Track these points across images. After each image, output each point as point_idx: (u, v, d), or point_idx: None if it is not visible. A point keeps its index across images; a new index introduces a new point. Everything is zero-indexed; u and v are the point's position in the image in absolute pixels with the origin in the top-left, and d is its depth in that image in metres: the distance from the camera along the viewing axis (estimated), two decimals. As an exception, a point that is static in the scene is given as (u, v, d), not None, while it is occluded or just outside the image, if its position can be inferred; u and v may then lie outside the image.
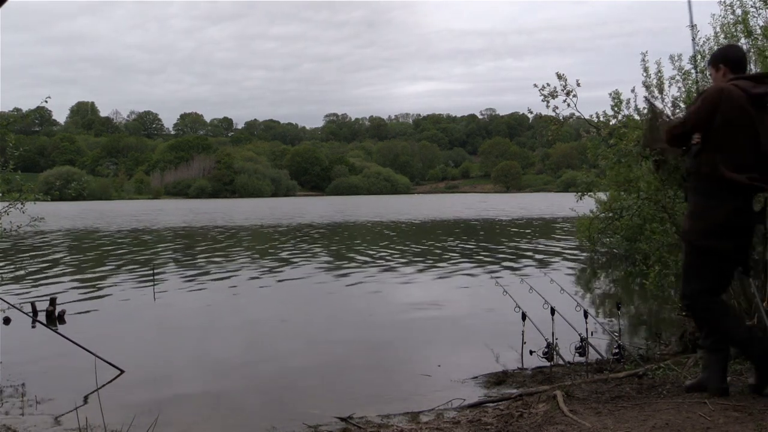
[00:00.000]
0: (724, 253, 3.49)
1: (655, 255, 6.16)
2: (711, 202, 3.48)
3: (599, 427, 3.23)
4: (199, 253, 15.71)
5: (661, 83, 6.44)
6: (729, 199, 3.44)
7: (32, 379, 5.19)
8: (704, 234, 3.49)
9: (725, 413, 3.28)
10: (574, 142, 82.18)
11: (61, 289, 9.82)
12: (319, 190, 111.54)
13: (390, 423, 3.92)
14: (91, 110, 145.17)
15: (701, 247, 3.51)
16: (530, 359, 5.40)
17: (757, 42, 6.12)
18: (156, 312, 8.30)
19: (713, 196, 3.48)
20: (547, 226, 25.14)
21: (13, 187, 5.99)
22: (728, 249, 3.47)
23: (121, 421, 3.86)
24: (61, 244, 18.88)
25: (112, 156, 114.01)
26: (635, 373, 4.29)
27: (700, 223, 3.52)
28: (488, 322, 7.14)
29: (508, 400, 4.12)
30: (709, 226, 3.47)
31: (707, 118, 3.48)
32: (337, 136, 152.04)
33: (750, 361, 3.63)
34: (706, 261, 3.52)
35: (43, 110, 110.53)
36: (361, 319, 7.60)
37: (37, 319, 6.96)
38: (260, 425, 4.09)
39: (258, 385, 5.01)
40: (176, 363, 5.67)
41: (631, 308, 8.21)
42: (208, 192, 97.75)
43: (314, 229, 24.94)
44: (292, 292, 9.69)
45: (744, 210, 3.46)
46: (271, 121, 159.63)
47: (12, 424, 4.12)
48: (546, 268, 11.94)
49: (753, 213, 3.51)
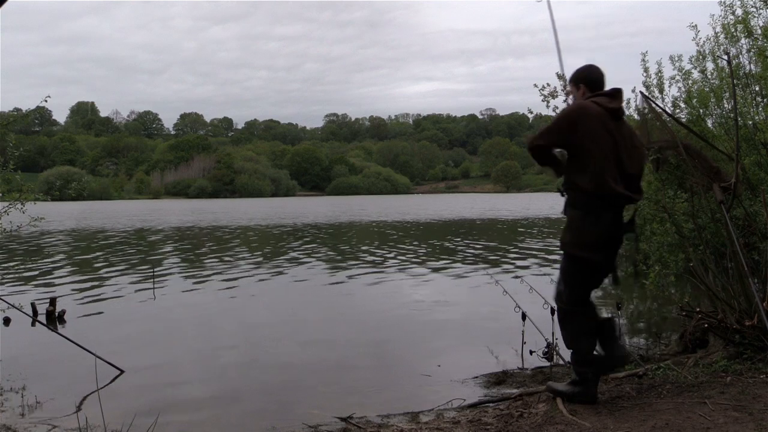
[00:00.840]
0: (597, 264, 3.67)
1: (655, 255, 6.17)
2: (589, 216, 3.62)
3: (599, 427, 3.23)
4: (200, 253, 15.71)
5: (661, 83, 6.45)
6: (605, 212, 3.60)
7: (32, 379, 5.18)
8: (581, 246, 3.64)
9: (725, 413, 3.28)
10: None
11: (61, 289, 9.82)
12: (319, 190, 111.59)
13: (390, 423, 3.91)
14: (91, 110, 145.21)
15: (578, 257, 3.67)
16: (530, 359, 5.40)
17: (757, 42, 6.12)
18: (156, 312, 8.30)
19: (590, 209, 3.62)
20: (547, 225, 25.14)
21: (13, 187, 5.98)
22: (601, 260, 3.66)
23: (121, 421, 3.86)
24: (62, 244, 18.88)
25: (112, 156, 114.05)
26: (635, 373, 4.29)
27: (578, 235, 3.66)
28: (488, 322, 7.14)
29: (508, 400, 4.12)
30: (586, 238, 3.62)
31: (567, 132, 3.63)
32: (337, 136, 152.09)
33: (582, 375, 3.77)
34: (582, 270, 3.70)
35: (43, 110, 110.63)
36: (361, 318, 7.60)
37: (37, 319, 6.96)
38: (260, 425, 4.09)
39: (258, 385, 5.00)
40: (176, 363, 5.67)
41: (631, 308, 8.20)
42: (208, 192, 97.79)
43: (319, 229, 24.94)
44: (293, 292, 9.69)
45: (617, 222, 3.65)
46: (271, 121, 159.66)
47: (12, 424, 4.12)
48: (546, 268, 11.94)
49: (623, 224, 3.71)
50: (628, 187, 3.63)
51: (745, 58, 6.29)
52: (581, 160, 3.62)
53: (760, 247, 5.29)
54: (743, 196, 5.46)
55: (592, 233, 3.61)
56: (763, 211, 5.14)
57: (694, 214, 5.56)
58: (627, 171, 3.65)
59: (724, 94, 6.36)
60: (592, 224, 3.60)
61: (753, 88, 6.24)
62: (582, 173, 3.61)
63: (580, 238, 3.64)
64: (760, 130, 5.88)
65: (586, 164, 3.60)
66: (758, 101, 6.24)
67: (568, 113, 3.68)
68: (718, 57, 6.39)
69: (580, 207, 3.65)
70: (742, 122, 6.00)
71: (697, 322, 4.83)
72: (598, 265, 3.67)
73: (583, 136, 3.60)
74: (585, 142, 3.59)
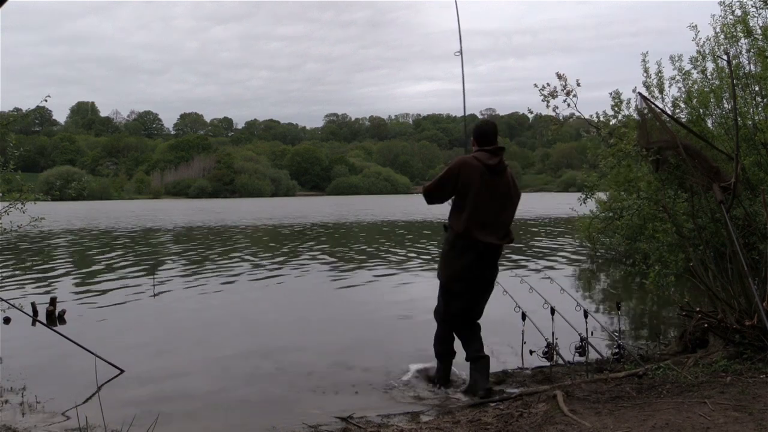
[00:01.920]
0: (456, 293, 4.42)
1: (655, 255, 6.17)
2: (454, 252, 4.36)
3: (599, 427, 3.23)
4: (201, 253, 15.71)
5: (661, 83, 6.45)
6: (467, 252, 4.30)
7: (32, 379, 5.18)
8: (445, 275, 4.45)
9: (725, 413, 3.29)
10: (574, 142, 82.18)
11: (61, 289, 9.82)
12: (319, 190, 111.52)
13: (390, 423, 3.91)
14: (91, 110, 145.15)
15: (446, 287, 4.47)
16: (530, 359, 5.40)
17: (757, 42, 6.13)
18: (156, 312, 8.30)
19: (455, 247, 4.35)
20: (547, 225, 25.14)
21: (13, 187, 5.98)
22: (459, 290, 4.40)
23: (121, 421, 3.85)
24: (62, 244, 18.89)
25: (112, 156, 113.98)
26: (635, 373, 4.29)
27: (444, 266, 4.46)
28: (488, 322, 7.12)
29: (508, 400, 4.12)
30: (449, 270, 4.40)
31: (451, 183, 4.33)
32: (337, 136, 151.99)
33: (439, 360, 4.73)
34: (445, 294, 4.51)
35: (43, 110, 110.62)
36: (361, 318, 7.60)
37: (37, 318, 6.96)
38: (260, 425, 4.09)
39: (258, 384, 5.00)
40: (176, 363, 5.67)
41: (631, 308, 8.20)
42: (209, 192, 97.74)
43: (323, 229, 24.94)
44: (293, 292, 9.69)
45: (480, 263, 4.33)
46: (271, 121, 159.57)
47: (12, 424, 4.12)
48: (546, 268, 11.95)
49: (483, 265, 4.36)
50: (497, 233, 4.33)
51: (745, 58, 6.29)
52: (458, 207, 4.34)
53: (760, 247, 5.29)
54: (743, 196, 5.47)
55: (454, 267, 4.36)
56: (763, 211, 5.14)
57: (694, 214, 5.56)
58: (499, 219, 4.34)
59: (724, 95, 6.36)
60: (455, 260, 4.35)
61: (753, 88, 6.24)
62: (456, 218, 4.33)
63: (445, 269, 4.44)
64: (760, 130, 5.88)
65: (461, 211, 4.29)
66: (758, 101, 6.25)
67: (451, 167, 4.36)
68: (718, 57, 6.39)
69: (449, 244, 4.41)
70: (742, 122, 6.00)
71: (697, 322, 4.83)
72: (456, 293, 4.42)
73: (462, 188, 4.29)
74: (463, 193, 4.29)
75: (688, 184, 5.51)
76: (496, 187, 4.30)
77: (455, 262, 4.34)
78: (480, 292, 4.48)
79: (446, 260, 4.42)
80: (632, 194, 6.15)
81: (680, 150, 5.25)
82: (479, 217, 4.25)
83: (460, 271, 4.33)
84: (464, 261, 4.30)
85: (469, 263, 4.30)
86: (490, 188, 4.27)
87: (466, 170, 4.28)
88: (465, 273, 4.32)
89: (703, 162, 5.27)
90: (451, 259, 4.37)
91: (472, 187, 4.25)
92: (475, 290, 4.43)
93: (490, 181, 4.28)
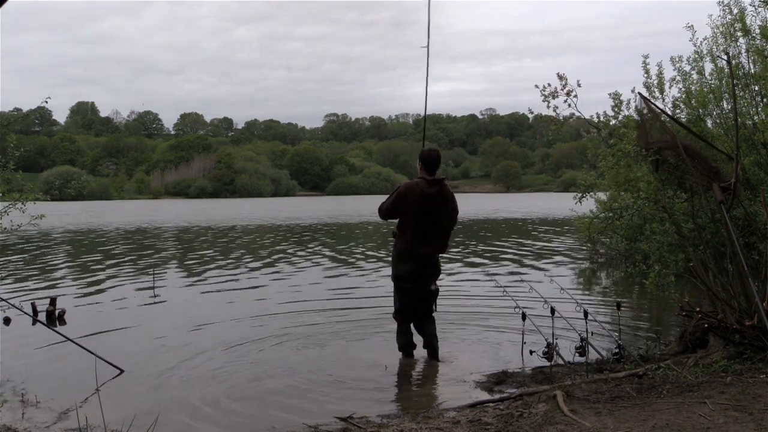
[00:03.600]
0: (407, 290, 5.43)
1: (655, 255, 6.17)
2: (401, 258, 5.42)
3: (599, 427, 3.23)
4: (201, 253, 15.71)
5: (661, 84, 6.44)
6: (411, 259, 5.35)
7: (32, 379, 5.18)
8: (396, 277, 5.49)
9: (725, 413, 3.29)
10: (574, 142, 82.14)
11: (61, 289, 9.82)
12: (319, 190, 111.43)
13: (390, 423, 3.91)
14: (91, 110, 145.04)
15: (397, 285, 5.49)
16: (530, 359, 5.40)
17: (755, 41, 6.13)
18: (156, 311, 8.30)
19: (402, 255, 5.40)
20: (548, 225, 25.14)
21: (13, 187, 5.98)
22: (409, 287, 5.41)
23: (121, 421, 3.85)
24: (62, 244, 18.89)
25: (112, 156, 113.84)
26: (635, 373, 4.29)
27: (395, 269, 5.51)
28: (488, 322, 7.14)
29: (508, 400, 4.12)
30: (398, 272, 5.45)
31: (399, 204, 5.33)
32: (337, 136, 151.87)
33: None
34: (398, 292, 5.51)
35: (43, 110, 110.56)
36: (361, 317, 7.59)
37: (37, 318, 6.96)
38: (260, 425, 4.09)
39: (258, 384, 5.00)
40: (176, 362, 5.66)
41: (631, 308, 8.20)
42: (209, 192, 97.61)
43: (328, 228, 24.94)
44: (293, 292, 9.68)
45: (421, 266, 5.37)
46: (271, 121, 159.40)
47: (12, 424, 4.12)
48: (546, 268, 11.95)
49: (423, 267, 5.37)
50: (435, 245, 5.39)
51: (745, 58, 6.28)
52: (403, 223, 5.37)
53: (760, 247, 5.30)
54: (743, 196, 5.46)
55: (402, 270, 5.40)
56: (763, 211, 5.14)
57: (694, 214, 5.56)
58: (436, 234, 5.36)
59: (723, 95, 6.36)
60: (402, 264, 5.40)
61: (753, 88, 6.24)
62: (402, 233, 5.37)
63: (396, 272, 5.48)
64: (759, 130, 5.88)
65: (406, 227, 5.33)
66: (758, 101, 6.24)
67: (399, 191, 5.35)
68: (717, 57, 6.39)
69: (397, 251, 5.44)
70: (742, 122, 6.00)
71: (697, 322, 4.82)
72: (407, 290, 5.41)
73: (406, 209, 5.29)
74: (406, 213, 5.30)
75: (688, 184, 5.51)
76: (435, 208, 5.32)
77: (402, 267, 5.39)
78: (422, 286, 5.45)
79: (395, 265, 5.50)
80: (632, 194, 6.15)
81: (680, 150, 5.25)
82: (419, 234, 5.29)
83: (406, 273, 5.39)
84: (409, 267, 5.36)
85: (412, 268, 5.36)
86: (429, 210, 5.28)
87: (411, 195, 5.27)
88: (410, 274, 5.38)
89: (702, 162, 5.27)
90: (398, 264, 5.44)
91: (414, 208, 5.25)
92: (420, 285, 5.43)
93: (429, 204, 5.27)
